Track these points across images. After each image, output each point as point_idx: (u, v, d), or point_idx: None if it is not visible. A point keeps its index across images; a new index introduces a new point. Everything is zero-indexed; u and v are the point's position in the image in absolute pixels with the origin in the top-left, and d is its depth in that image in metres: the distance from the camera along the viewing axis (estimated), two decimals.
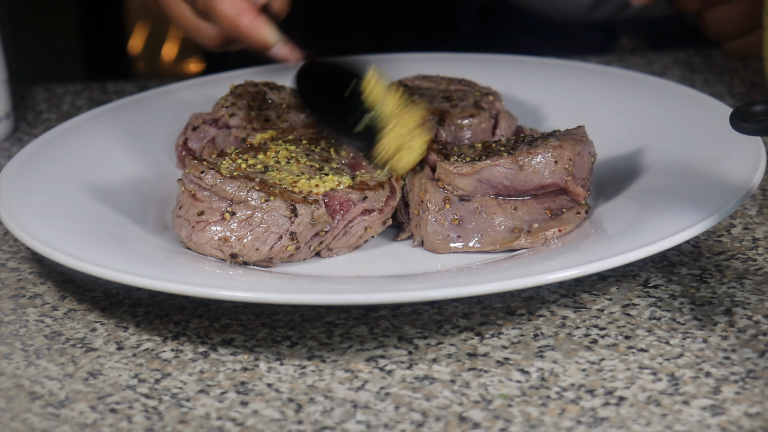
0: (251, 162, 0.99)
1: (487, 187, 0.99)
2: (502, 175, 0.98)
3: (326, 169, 1.00)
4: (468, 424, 0.81)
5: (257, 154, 1.01)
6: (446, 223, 0.98)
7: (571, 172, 0.99)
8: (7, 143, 1.26)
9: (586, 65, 1.27)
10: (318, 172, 0.99)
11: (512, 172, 0.98)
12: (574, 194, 1.00)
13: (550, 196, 1.00)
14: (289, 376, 0.86)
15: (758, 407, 0.81)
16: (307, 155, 1.01)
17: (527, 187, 0.99)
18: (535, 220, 0.99)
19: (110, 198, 1.05)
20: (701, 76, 1.35)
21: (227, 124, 1.10)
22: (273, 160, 1.00)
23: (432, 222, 0.98)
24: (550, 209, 1.00)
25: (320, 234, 0.96)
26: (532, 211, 0.99)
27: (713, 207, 0.94)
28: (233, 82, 1.25)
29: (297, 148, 1.02)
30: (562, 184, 0.99)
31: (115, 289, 0.97)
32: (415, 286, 0.93)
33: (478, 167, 0.98)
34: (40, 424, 0.82)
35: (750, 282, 0.95)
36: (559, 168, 0.98)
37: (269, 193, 0.95)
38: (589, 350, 0.88)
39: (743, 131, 0.92)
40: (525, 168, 0.98)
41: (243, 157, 1.00)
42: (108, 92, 1.38)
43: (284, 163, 1.00)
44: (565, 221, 0.99)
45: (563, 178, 0.99)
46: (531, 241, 0.98)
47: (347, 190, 0.97)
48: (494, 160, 0.98)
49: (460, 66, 1.27)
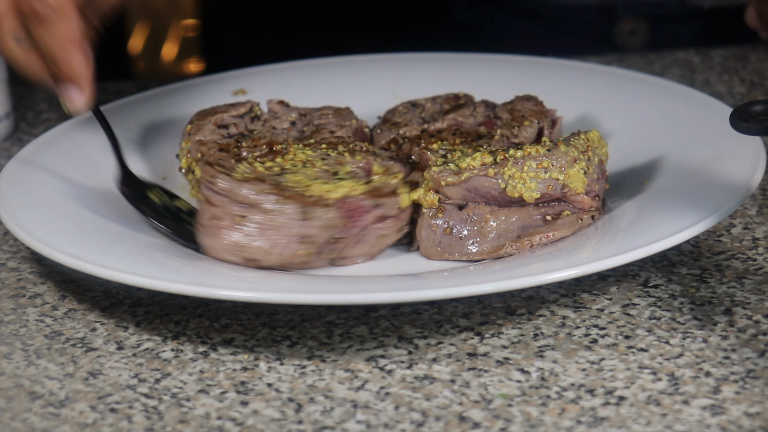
0: (268, 165, 0.98)
1: (476, 196, 0.96)
2: (490, 186, 0.96)
3: (341, 173, 0.99)
4: (468, 424, 0.81)
5: (275, 158, 1.00)
6: (438, 231, 0.96)
7: (567, 185, 0.96)
8: (7, 143, 1.26)
9: (586, 65, 1.27)
10: (333, 176, 0.98)
11: (497, 183, 0.96)
12: (576, 204, 0.98)
13: (548, 204, 0.97)
14: (289, 375, 0.86)
15: (758, 407, 0.81)
16: (323, 159, 1.00)
17: (517, 198, 0.96)
18: (529, 227, 0.97)
19: (110, 198, 1.05)
20: (701, 76, 1.35)
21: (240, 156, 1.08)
22: (290, 163, 0.99)
23: (425, 227, 0.97)
24: (549, 215, 0.97)
25: (334, 241, 0.95)
26: (526, 218, 0.97)
27: (713, 207, 0.93)
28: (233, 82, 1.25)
29: (314, 152, 1.01)
30: (558, 196, 0.97)
31: (115, 289, 0.97)
32: (415, 286, 0.93)
33: (465, 177, 0.95)
34: (40, 423, 0.82)
35: (750, 282, 0.95)
36: (549, 180, 0.96)
37: (282, 196, 0.94)
38: (589, 350, 0.88)
39: (743, 131, 0.92)
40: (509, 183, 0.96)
41: (261, 161, 0.99)
42: (108, 92, 1.38)
43: (300, 167, 0.99)
44: (558, 227, 0.96)
45: (558, 190, 0.96)
46: (517, 248, 0.96)
47: (360, 197, 0.95)
48: (480, 170, 0.96)
49: (460, 66, 1.27)
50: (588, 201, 0.97)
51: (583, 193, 0.97)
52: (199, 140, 1.09)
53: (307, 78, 1.27)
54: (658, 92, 1.16)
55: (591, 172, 0.97)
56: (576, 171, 0.96)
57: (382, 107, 1.16)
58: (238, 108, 1.12)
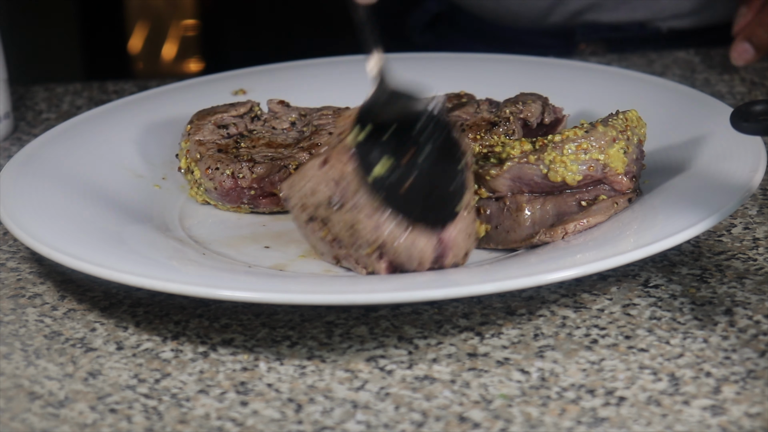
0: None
1: (521, 185, 0.97)
2: (532, 173, 0.96)
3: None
4: (468, 424, 0.81)
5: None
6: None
7: (608, 164, 0.96)
8: (7, 143, 1.26)
9: (586, 65, 1.27)
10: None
11: (539, 169, 0.96)
12: (615, 185, 0.97)
13: (587, 188, 0.97)
14: (289, 376, 0.86)
15: (759, 407, 0.81)
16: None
17: (560, 183, 0.97)
18: (564, 214, 0.97)
19: (110, 198, 1.05)
20: (701, 76, 1.35)
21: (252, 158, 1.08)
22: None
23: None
24: (585, 200, 0.97)
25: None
26: (561, 205, 0.97)
27: (713, 207, 0.93)
28: (233, 81, 1.25)
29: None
30: (599, 177, 0.97)
31: (115, 289, 0.97)
32: (415, 286, 0.93)
33: (506, 167, 0.96)
34: (39, 424, 0.82)
35: (750, 282, 0.95)
36: (589, 160, 0.96)
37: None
38: (589, 350, 0.88)
39: (743, 131, 0.92)
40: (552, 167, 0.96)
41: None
42: (108, 92, 1.38)
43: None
44: (593, 212, 0.97)
45: (600, 170, 0.96)
46: (550, 236, 0.96)
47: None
48: (521, 158, 0.96)
49: (461, 66, 1.27)
50: (627, 183, 0.98)
51: (622, 174, 0.97)
52: (198, 140, 1.09)
53: (307, 78, 1.27)
54: (658, 92, 1.16)
55: (630, 152, 0.98)
56: (616, 151, 0.97)
57: None
58: (238, 108, 1.12)
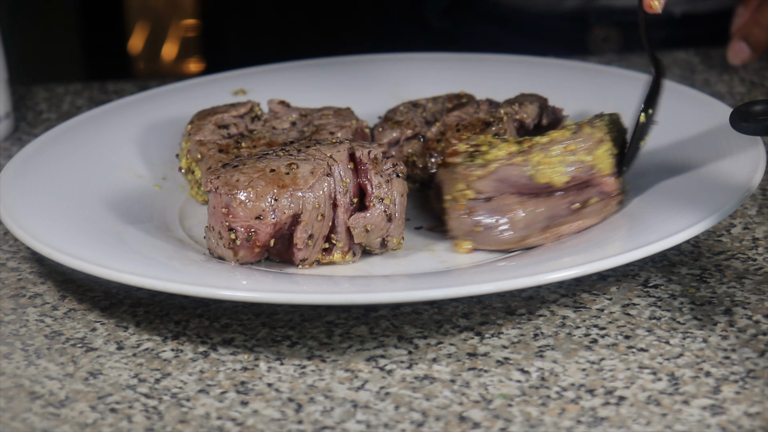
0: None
1: (507, 186, 0.96)
2: (518, 174, 0.96)
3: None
4: (468, 424, 0.81)
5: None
6: (467, 222, 0.96)
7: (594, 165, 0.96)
8: (7, 143, 1.26)
9: (586, 65, 1.27)
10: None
11: (525, 170, 0.96)
12: (603, 186, 0.97)
13: (576, 190, 0.97)
14: (289, 375, 0.86)
15: (758, 407, 0.81)
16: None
17: (545, 184, 0.96)
18: (557, 216, 0.97)
19: (110, 198, 1.05)
20: (701, 76, 1.35)
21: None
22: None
23: (453, 218, 0.97)
24: (577, 203, 0.97)
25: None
26: (553, 207, 0.96)
27: (713, 207, 0.94)
28: (233, 81, 1.25)
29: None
30: (586, 179, 0.97)
31: (115, 289, 0.97)
32: (415, 286, 0.93)
33: (492, 168, 0.95)
34: (40, 423, 0.82)
35: (750, 282, 0.95)
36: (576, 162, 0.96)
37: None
38: (589, 350, 0.88)
39: (743, 131, 0.92)
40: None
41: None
42: (108, 92, 1.38)
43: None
44: (586, 215, 0.97)
45: (586, 172, 0.96)
46: (544, 238, 0.96)
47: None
48: (507, 160, 0.95)
49: (461, 66, 1.27)
50: (614, 183, 0.98)
51: (609, 175, 0.97)
52: (199, 140, 1.09)
53: (307, 78, 1.27)
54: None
55: (617, 154, 0.98)
56: (603, 152, 0.97)
57: (382, 107, 1.16)
58: (238, 108, 1.12)
